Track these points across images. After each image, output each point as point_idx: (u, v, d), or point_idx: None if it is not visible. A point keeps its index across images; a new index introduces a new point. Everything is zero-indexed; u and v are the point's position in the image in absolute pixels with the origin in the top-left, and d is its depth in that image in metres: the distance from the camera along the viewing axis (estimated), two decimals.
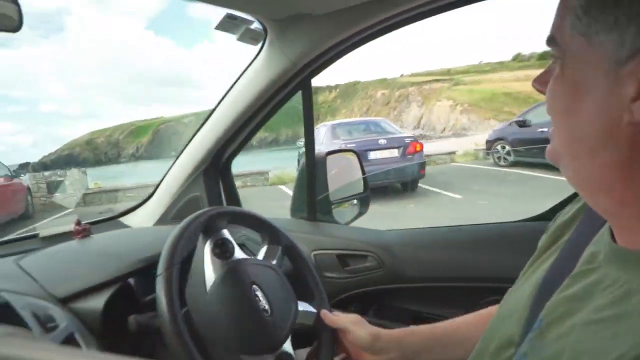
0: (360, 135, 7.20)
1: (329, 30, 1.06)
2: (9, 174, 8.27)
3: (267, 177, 9.70)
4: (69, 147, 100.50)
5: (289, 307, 0.84)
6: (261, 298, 0.79)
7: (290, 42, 1.10)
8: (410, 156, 6.41)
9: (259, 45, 1.16)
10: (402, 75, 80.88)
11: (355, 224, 1.45)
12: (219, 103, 1.29)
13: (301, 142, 8.78)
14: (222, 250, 0.83)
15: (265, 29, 1.10)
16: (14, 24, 0.65)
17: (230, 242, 0.85)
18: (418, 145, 6.50)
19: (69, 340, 0.75)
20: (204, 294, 0.77)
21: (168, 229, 0.91)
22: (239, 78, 1.24)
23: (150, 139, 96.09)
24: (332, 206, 1.41)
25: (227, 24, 1.06)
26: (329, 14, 1.02)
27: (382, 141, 6.45)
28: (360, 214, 1.51)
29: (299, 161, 9.22)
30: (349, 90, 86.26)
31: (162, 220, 1.41)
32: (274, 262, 0.90)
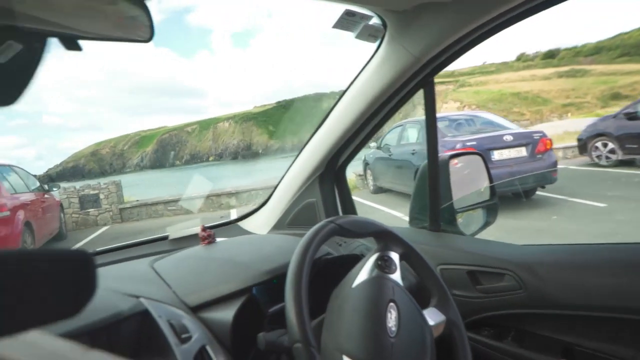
0: (468, 131, 5.87)
1: (456, 20, 0.93)
2: (40, 188, 7.03)
3: None
4: (74, 158, 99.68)
5: (420, 356, 0.76)
6: (392, 319, 0.75)
7: (414, 36, 0.99)
8: (540, 155, 5.13)
9: (376, 43, 1.07)
10: None
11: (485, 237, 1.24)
12: (333, 107, 1.24)
13: (373, 143, 7.62)
14: (384, 264, 0.82)
15: (384, 24, 1.01)
16: (146, 35, 0.61)
17: (395, 265, 0.84)
18: (548, 142, 5.22)
19: (201, 353, 0.74)
20: (349, 288, 0.78)
21: (290, 239, 1.16)
22: (354, 80, 1.16)
23: (154, 148, 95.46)
24: (457, 215, 1.26)
25: (345, 22, 1.00)
26: (457, 1, 0.89)
27: (508, 137, 5.12)
28: (487, 224, 1.34)
29: (365, 165, 8.04)
30: None
31: (279, 225, 1.40)
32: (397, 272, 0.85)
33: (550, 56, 55.93)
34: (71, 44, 0.51)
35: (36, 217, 6.13)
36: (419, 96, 1.19)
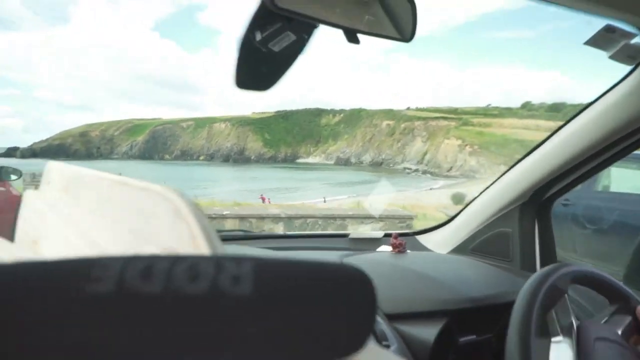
0: None
1: None
2: None
3: (411, 224, 6.13)
4: (62, 136, 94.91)
5: None
6: None
7: None
8: None
9: (630, 67, 0.89)
10: (408, 109, 79.65)
11: None
12: (555, 131, 1.06)
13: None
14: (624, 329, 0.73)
15: None
16: (406, 36, 0.60)
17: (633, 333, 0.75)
18: None
19: None
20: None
21: (493, 269, 1.09)
22: (589, 105, 0.98)
23: (145, 139, 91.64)
24: None
25: (602, 39, 0.84)
26: None
27: None
28: None
29: None
30: (354, 117, 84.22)
31: (461, 248, 1.31)
32: (619, 331, 0.75)
33: (555, 109, 55.49)
34: (352, 36, 0.53)
35: None
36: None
